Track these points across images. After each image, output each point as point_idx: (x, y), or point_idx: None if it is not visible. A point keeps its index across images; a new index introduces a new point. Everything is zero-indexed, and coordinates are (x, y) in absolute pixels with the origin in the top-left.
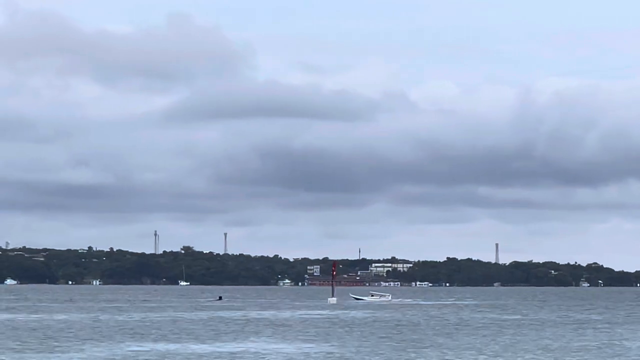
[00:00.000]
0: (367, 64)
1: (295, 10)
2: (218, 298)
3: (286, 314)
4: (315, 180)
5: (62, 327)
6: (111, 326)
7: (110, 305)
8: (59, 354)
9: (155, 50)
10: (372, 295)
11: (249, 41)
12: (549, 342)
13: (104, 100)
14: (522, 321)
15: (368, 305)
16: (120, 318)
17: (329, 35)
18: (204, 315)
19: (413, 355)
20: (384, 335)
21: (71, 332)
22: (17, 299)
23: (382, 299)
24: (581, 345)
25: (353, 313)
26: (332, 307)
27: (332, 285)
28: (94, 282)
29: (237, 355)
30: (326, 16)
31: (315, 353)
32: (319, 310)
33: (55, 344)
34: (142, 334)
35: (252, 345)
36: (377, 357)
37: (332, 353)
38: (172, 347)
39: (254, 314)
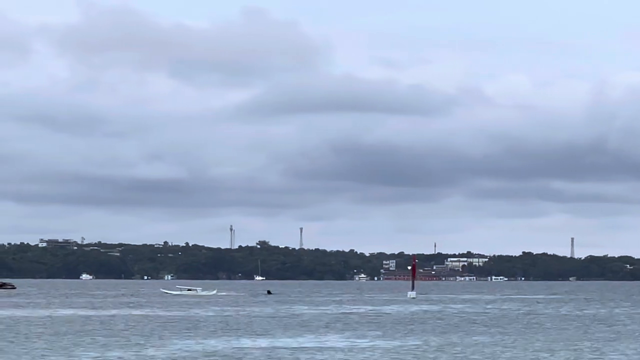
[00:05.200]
0: (443, 59)
1: (373, 4)
2: (267, 292)
3: (366, 308)
4: (390, 175)
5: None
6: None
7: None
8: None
9: (232, 45)
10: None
11: (326, 36)
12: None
13: (179, 95)
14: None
15: (442, 300)
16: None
17: (406, 30)
18: (271, 310)
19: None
20: (470, 329)
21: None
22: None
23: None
24: None
25: (434, 307)
26: (413, 301)
27: (412, 279)
28: (167, 277)
29: (328, 350)
30: (403, 11)
31: (399, 347)
32: (399, 304)
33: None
34: (209, 329)
35: (344, 340)
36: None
37: (418, 346)
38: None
39: (335, 308)
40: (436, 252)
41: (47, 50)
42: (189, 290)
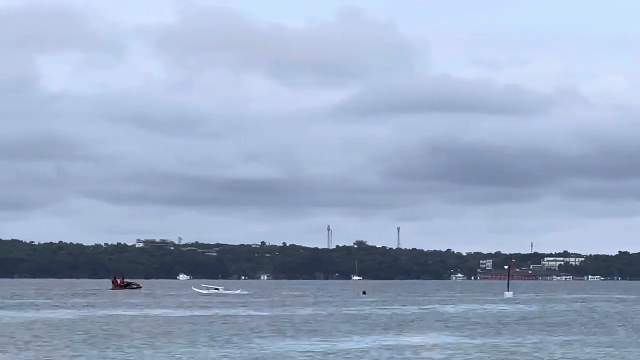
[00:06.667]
0: (540, 59)
1: (470, 5)
2: (362, 293)
3: (463, 307)
4: (487, 175)
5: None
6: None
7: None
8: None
9: (328, 45)
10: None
11: (423, 36)
12: None
13: (276, 96)
14: None
15: (540, 300)
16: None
17: (503, 30)
18: (369, 309)
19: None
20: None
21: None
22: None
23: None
24: None
25: (534, 307)
26: (510, 301)
27: (508, 279)
28: (263, 277)
29: (425, 349)
30: (501, 12)
31: (495, 347)
32: (497, 304)
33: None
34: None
35: (445, 339)
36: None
37: (523, 345)
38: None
39: (432, 307)
40: (533, 252)
41: (144, 51)
42: (216, 289)
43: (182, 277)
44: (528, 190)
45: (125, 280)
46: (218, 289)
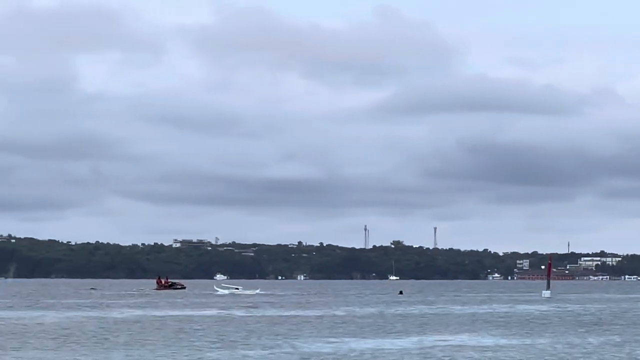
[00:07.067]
0: (577, 59)
1: (507, 5)
2: (399, 292)
3: (504, 307)
4: (523, 174)
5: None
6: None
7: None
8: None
9: (365, 45)
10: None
11: (459, 36)
12: None
13: (313, 95)
14: None
15: (579, 299)
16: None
17: (539, 30)
18: (415, 309)
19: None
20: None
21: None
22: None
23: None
24: None
25: (571, 307)
26: (548, 300)
27: (547, 279)
28: (299, 277)
29: (471, 349)
30: (538, 11)
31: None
32: (535, 304)
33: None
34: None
35: (487, 339)
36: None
37: (574, 345)
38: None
39: (473, 308)
40: (569, 252)
41: (182, 50)
42: (235, 289)
43: (219, 277)
44: (564, 190)
45: (169, 280)
46: (237, 289)
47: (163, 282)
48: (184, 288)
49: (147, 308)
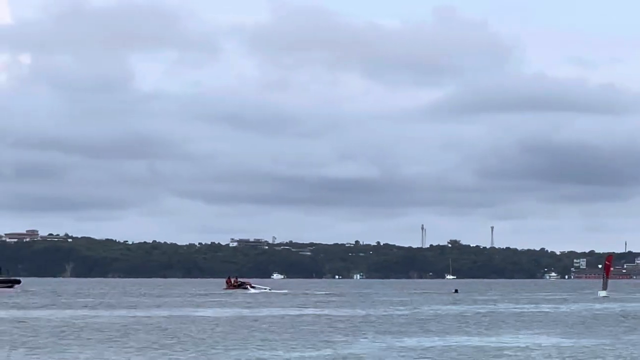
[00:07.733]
0: (635, 58)
1: (564, 3)
2: (454, 291)
3: (562, 307)
4: (580, 174)
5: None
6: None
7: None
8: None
9: (423, 44)
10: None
11: (516, 35)
12: None
13: (371, 95)
14: None
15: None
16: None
17: (597, 29)
18: (468, 308)
19: None
20: None
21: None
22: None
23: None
24: None
25: (628, 306)
26: (604, 300)
27: (604, 278)
28: (356, 277)
29: (528, 350)
30: (596, 10)
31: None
32: (590, 303)
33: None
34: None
35: (541, 340)
36: None
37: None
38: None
39: (525, 307)
40: (627, 251)
41: (238, 49)
42: (264, 289)
43: (276, 276)
44: (622, 189)
45: (238, 280)
46: (266, 289)
47: (232, 281)
48: (254, 288)
49: (253, 307)
